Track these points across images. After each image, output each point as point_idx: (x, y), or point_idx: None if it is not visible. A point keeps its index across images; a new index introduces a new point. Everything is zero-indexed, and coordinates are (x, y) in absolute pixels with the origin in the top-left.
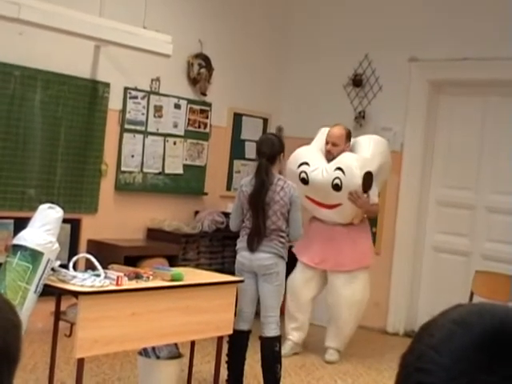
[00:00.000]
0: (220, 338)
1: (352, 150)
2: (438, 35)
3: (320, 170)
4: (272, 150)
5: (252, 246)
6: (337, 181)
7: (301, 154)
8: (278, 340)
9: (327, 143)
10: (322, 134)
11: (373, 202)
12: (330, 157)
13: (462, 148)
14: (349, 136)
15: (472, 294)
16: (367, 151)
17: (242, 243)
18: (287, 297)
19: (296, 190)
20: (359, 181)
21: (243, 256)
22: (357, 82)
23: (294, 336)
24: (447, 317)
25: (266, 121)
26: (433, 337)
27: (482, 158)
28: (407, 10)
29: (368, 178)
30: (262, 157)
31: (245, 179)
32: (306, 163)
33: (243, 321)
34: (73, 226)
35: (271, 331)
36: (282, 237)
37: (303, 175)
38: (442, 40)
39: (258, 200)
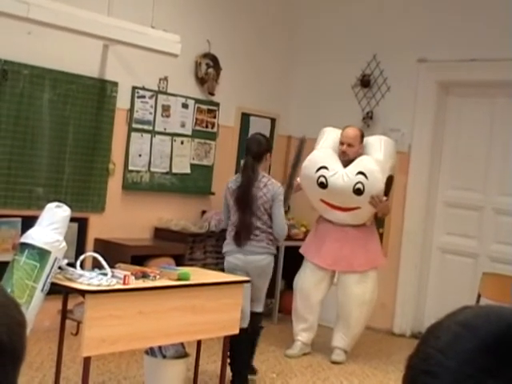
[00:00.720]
0: (226, 338)
1: (363, 151)
2: (447, 36)
3: (340, 174)
4: (258, 149)
5: (239, 241)
6: (359, 185)
7: (318, 158)
8: (262, 315)
9: (342, 144)
10: (327, 135)
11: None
12: (344, 158)
13: (469, 149)
14: (362, 137)
15: (479, 296)
16: (379, 153)
17: (230, 246)
18: (296, 298)
19: (280, 188)
20: (382, 185)
21: (236, 257)
22: (365, 82)
23: (303, 337)
24: (454, 319)
25: (273, 121)
26: (439, 339)
27: (490, 160)
28: (416, 10)
29: (389, 182)
30: (248, 155)
31: (232, 178)
32: (325, 167)
33: (242, 318)
34: (80, 225)
35: (258, 308)
36: (270, 233)
37: (322, 179)
38: (451, 41)
39: (244, 196)
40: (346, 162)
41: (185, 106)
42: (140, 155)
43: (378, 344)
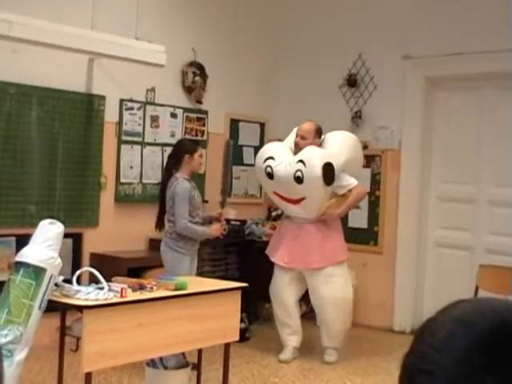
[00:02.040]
0: (227, 345)
1: (321, 146)
2: (431, 31)
3: (284, 163)
4: (175, 152)
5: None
6: (298, 173)
7: (267, 149)
8: None
9: (296, 136)
10: (293, 133)
11: (350, 186)
12: (297, 150)
13: (460, 142)
14: (318, 132)
15: (477, 289)
16: (334, 146)
17: None
18: (273, 304)
19: (179, 186)
20: (319, 172)
21: None
22: (351, 82)
23: (291, 341)
24: (448, 315)
25: (262, 125)
26: (434, 337)
27: (481, 152)
28: (398, 7)
29: (328, 170)
30: (168, 158)
31: None
32: (272, 157)
33: None
34: (75, 240)
35: None
36: (170, 227)
37: (268, 169)
38: (435, 36)
39: (160, 195)
40: None
41: (173, 115)
42: (131, 167)
43: (379, 342)
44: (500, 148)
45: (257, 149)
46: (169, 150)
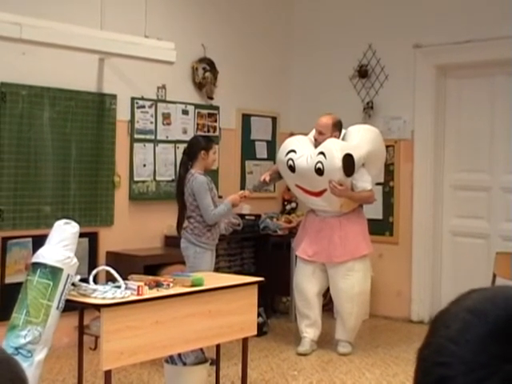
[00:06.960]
0: (245, 340)
1: (343, 140)
2: (441, 19)
3: (305, 156)
4: (190, 149)
5: (177, 231)
6: (319, 165)
7: (289, 142)
8: None
9: (315, 131)
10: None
11: (363, 188)
12: (316, 144)
13: (472, 130)
14: (337, 126)
15: (494, 276)
16: (355, 139)
17: None
18: (295, 295)
19: (197, 181)
20: (339, 163)
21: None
22: (362, 72)
23: (308, 333)
24: (461, 305)
25: (274, 119)
26: (449, 328)
27: (494, 139)
28: None
29: (348, 161)
30: (183, 154)
31: None
32: (294, 151)
33: None
34: (90, 240)
35: None
36: (191, 223)
37: (290, 163)
38: (445, 24)
39: (177, 192)
40: None
41: (185, 112)
42: (144, 165)
43: (397, 333)
44: None
45: (269, 143)
46: (181, 146)
